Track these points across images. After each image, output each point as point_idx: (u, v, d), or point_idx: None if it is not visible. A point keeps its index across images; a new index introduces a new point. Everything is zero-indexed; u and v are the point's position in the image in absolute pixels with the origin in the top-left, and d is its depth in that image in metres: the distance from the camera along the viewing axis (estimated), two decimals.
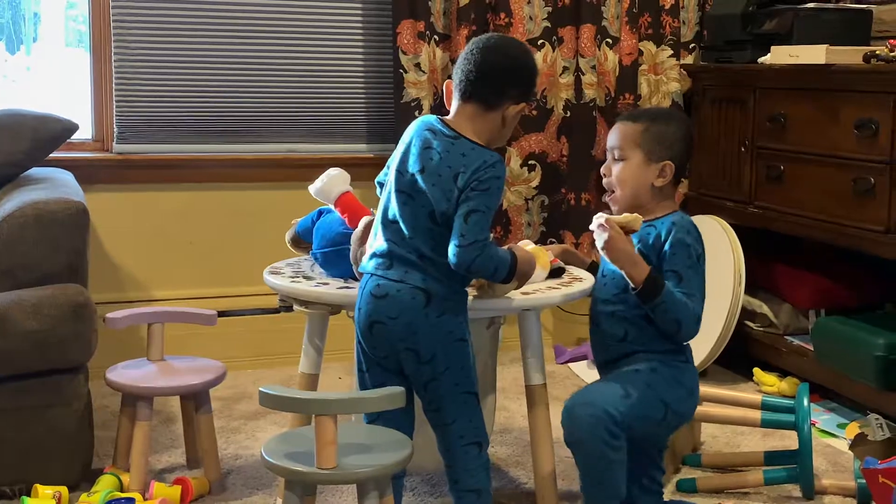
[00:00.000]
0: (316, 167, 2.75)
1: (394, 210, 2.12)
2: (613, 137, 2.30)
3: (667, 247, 2.19)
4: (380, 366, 2.15)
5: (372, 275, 2.12)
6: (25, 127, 2.99)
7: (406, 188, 2.11)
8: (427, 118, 2.18)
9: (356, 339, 2.17)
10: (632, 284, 2.16)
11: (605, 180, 2.32)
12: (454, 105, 2.16)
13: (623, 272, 2.17)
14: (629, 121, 2.30)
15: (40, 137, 3.01)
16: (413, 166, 2.11)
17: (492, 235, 2.88)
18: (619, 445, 2.14)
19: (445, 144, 2.09)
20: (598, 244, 2.19)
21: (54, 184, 2.85)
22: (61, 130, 3.04)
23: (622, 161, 2.27)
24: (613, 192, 2.30)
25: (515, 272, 2.12)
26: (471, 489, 2.17)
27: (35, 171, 3.03)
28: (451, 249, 2.04)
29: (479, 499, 2.18)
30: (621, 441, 2.15)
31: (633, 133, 2.27)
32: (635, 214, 2.20)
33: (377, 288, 2.10)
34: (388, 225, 2.13)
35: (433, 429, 2.20)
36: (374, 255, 2.14)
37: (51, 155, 3.09)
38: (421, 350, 2.09)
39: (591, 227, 2.23)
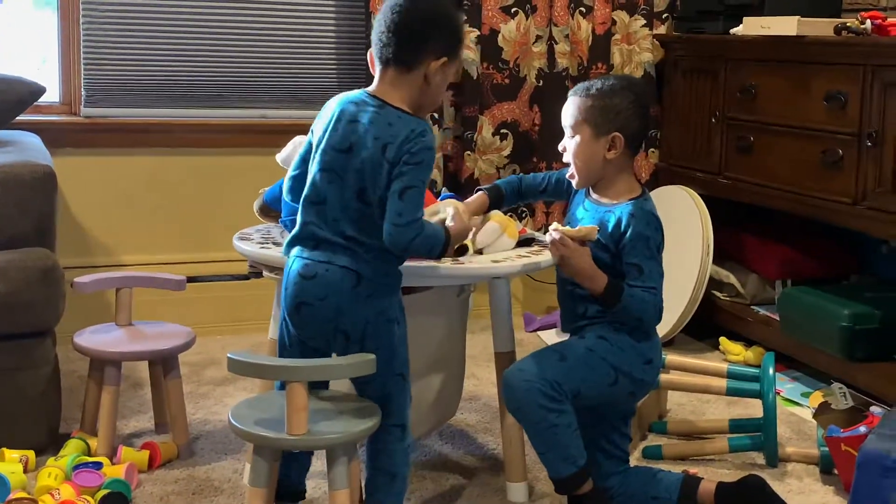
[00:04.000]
0: (287, 133, 2.72)
1: (320, 190, 2.01)
2: (564, 114, 2.29)
3: (627, 239, 2.19)
4: (304, 344, 2.06)
5: (298, 256, 2.03)
6: None
7: (332, 166, 2.00)
8: (350, 93, 2.07)
9: (281, 317, 2.08)
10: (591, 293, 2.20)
11: (563, 157, 2.32)
12: (377, 73, 2.05)
13: (589, 286, 2.20)
14: (575, 95, 2.28)
15: (6, 100, 2.97)
16: (339, 143, 2.00)
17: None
18: (561, 409, 2.15)
19: (371, 115, 1.98)
20: (554, 259, 2.22)
21: (21, 147, 2.82)
22: (28, 93, 3.01)
23: (573, 137, 2.27)
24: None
25: (448, 249, 2.05)
26: (387, 471, 2.09)
27: (1, 134, 2.99)
28: (387, 229, 1.94)
29: (392, 482, 2.09)
30: (563, 405, 2.15)
31: (580, 108, 2.25)
32: (591, 227, 2.21)
33: (305, 268, 2.00)
34: (312, 206, 2.02)
35: None
36: (297, 238, 2.04)
37: (17, 118, 3.05)
38: (350, 331, 2.00)
39: (546, 239, 2.25)
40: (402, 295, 2.10)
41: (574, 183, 2.32)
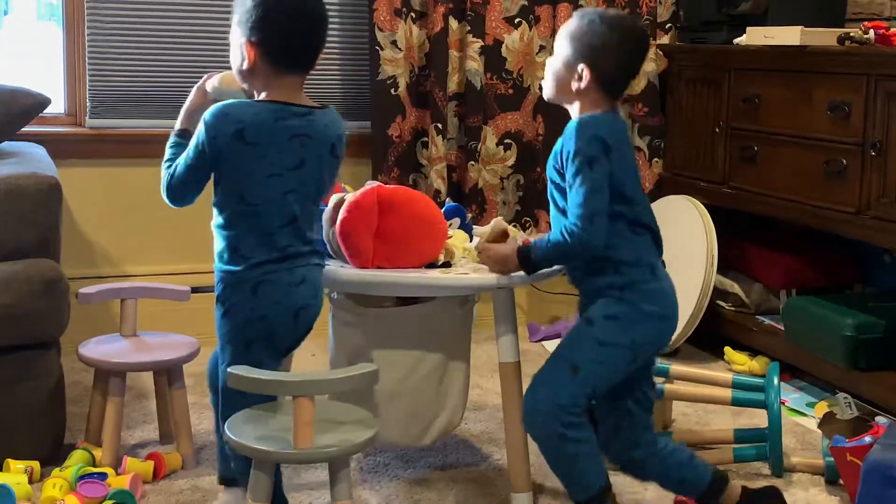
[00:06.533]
0: None
1: (294, 211, 2.05)
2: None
3: (564, 161, 2.13)
4: (274, 358, 2.09)
5: (273, 272, 2.04)
6: None
7: (297, 186, 2.05)
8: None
9: (244, 344, 2.05)
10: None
11: None
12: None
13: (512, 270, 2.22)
14: (577, 16, 2.20)
15: (11, 111, 2.97)
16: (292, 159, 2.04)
17: (469, 214, 2.89)
18: (579, 437, 2.14)
19: (312, 120, 2.06)
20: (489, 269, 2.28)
21: (26, 158, 2.82)
22: (33, 104, 3.01)
23: (555, 50, 2.21)
24: None
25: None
26: None
27: (6, 146, 3.00)
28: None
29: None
30: (581, 430, 2.15)
31: (569, 26, 2.19)
32: (495, 221, 2.31)
33: (291, 276, 2.04)
34: (289, 226, 2.05)
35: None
36: (262, 262, 2.03)
37: (22, 129, 3.06)
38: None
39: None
40: (405, 305, 2.13)
41: (544, 94, 2.26)
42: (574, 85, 2.16)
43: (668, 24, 3.94)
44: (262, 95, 2.06)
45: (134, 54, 3.49)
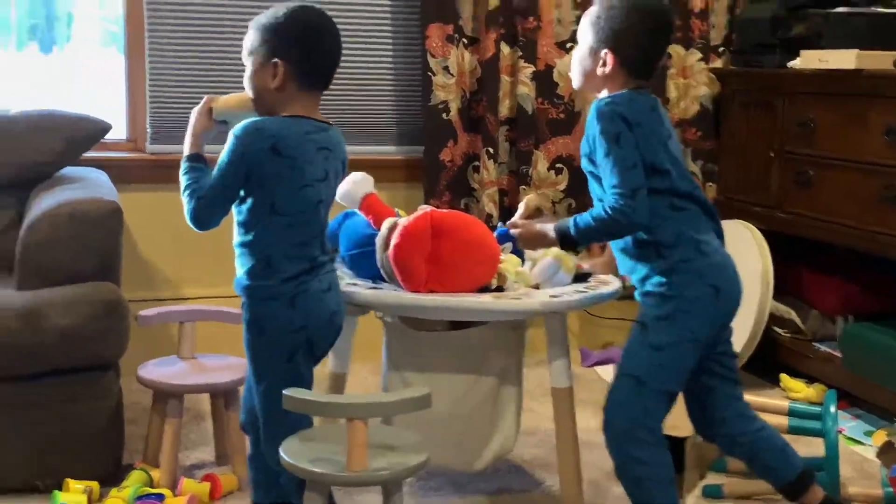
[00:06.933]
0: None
1: (323, 221, 2.14)
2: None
3: (593, 144, 2.14)
4: (310, 368, 2.15)
5: (304, 282, 2.09)
6: (60, 127, 3.05)
7: (325, 196, 2.14)
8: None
9: (286, 357, 2.09)
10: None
11: None
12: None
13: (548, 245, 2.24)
14: (598, 2, 2.21)
15: (75, 137, 3.06)
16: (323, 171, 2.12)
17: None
18: (646, 458, 2.12)
19: (330, 135, 2.14)
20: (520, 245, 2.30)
21: (88, 183, 2.89)
22: (95, 130, 3.09)
23: (580, 43, 2.23)
24: None
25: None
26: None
27: (69, 171, 3.08)
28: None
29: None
30: (651, 450, 2.12)
31: (588, 14, 2.21)
32: (528, 198, 2.38)
33: (319, 283, 2.10)
34: (319, 236, 2.13)
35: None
36: (297, 274, 2.08)
37: (85, 154, 3.13)
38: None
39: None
40: (457, 329, 2.14)
41: (573, 84, 2.28)
42: (599, 71, 2.17)
43: (722, 48, 3.93)
44: (285, 112, 2.10)
45: (193, 81, 3.55)
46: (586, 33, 2.20)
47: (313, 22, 2.10)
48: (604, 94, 2.20)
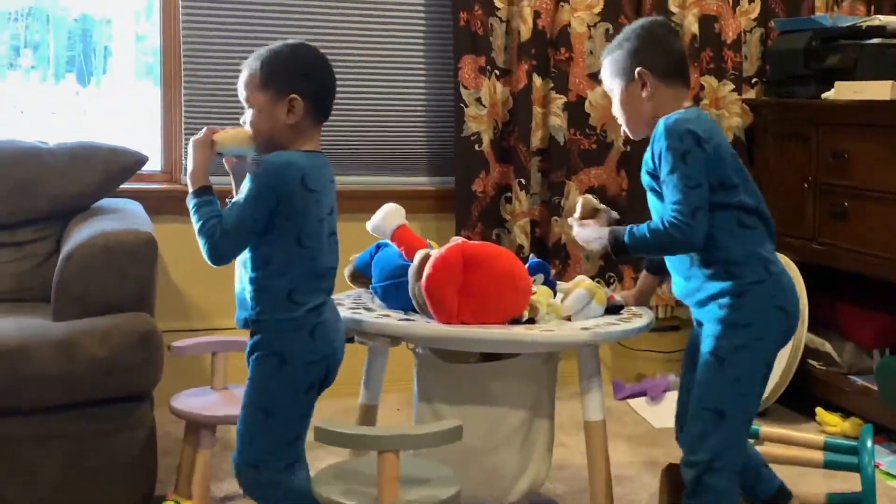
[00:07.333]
0: (377, 199, 2.79)
1: (337, 252, 2.16)
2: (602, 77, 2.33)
3: (657, 160, 2.15)
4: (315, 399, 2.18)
5: (321, 312, 2.11)
6: (97, 159, 3.09)
7: (334, 228, 2.16)
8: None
9: (305, 389, 2.12)
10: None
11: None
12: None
13: (601, 249, 2.25)
14: (604, 58, 2.30)
15: (111, 169, 3.09)
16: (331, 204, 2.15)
17: (552, 270, 2.89)
18: (721, 486, 2.14)
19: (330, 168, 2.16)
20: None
21: (124, 214, 2.92)
22: (131, 162, 3.13)
23: (613, 97, 2.28)
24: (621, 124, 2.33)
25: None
26: None
27: (106, 202, 3.12)
28: None
29: None
30: (725, 478, 2.14)
31: (606, 66, 2.28)
32: (584, 198, 2.37)
33: (333, 314, 2.15)
34: (333, 268, 2.15)
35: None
36: (318, 305, 2.11)
37: (121, 186, 3.17)
38: None
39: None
40: (489, 361, 2.14)
41: (630, 136, 2.30)
42: (644, 94, 2.20)
43: (754, 79, 3.92)
44: (298, 147, 2.11)
45: (228, 113, 3.59)
46: (611, 81, 2.27)
47: (319, 56, 2.15)
48: (659, 116, 2.20)
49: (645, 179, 2.22)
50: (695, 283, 2.20)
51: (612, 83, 2.27)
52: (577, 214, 2.34)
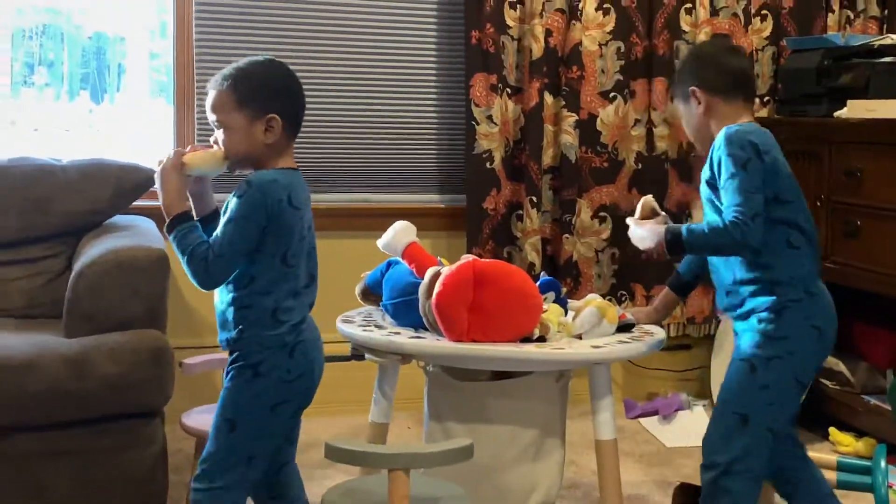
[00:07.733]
0: (389, 216, 2.80)
1: (312, 271, 2.13)
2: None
3: (718, 168, 2.20)
4: (296, 419, 2.17)
5: (304, 330, 2.10)
6: (109, 176, 3.10)
7: (314, 244, 2.14)
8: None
9: (269, 406, 2.07)
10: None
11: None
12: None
13: (654, 247, 2.25)
14: (675, 85, 2.42)
15: (123, 186, 3.11)
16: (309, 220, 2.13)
17: (563, 288, 2.88)
18: (737, 490, 2.16)
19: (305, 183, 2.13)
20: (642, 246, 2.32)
21: (136, 231, 2.93)
22: (144, 179, 3.14)
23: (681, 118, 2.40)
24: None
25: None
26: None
27: (118, 219, 3.13)
28: None
29: None
30: (744, 484, 2.17)
31: (675, 92, 2.42)
32: (644, 199, 2.38)
33: (311, 332, 2.12)
34: (312, 283, 2.14)
35: (288, 459, 2.18)
36: (298, 322, 2.09)
37: (133, 203, 3.18)
38: None
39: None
40: (499, 379, 2.13)
41: (699, 152, 2.42)
42: (700, 109, 2.29)
43: (767, 98, 3.92)
44: (275, 165, 2.09)
45: None
46: (676, 102, 2.40)
47: (291, 73, 2.12)
48: (718, 130, 2.25)
49: (703, 190, 2.27)
50: (737, 298, 2.25)
51: (677, 104, 2.41)
52: (637, 215, 2.37)
